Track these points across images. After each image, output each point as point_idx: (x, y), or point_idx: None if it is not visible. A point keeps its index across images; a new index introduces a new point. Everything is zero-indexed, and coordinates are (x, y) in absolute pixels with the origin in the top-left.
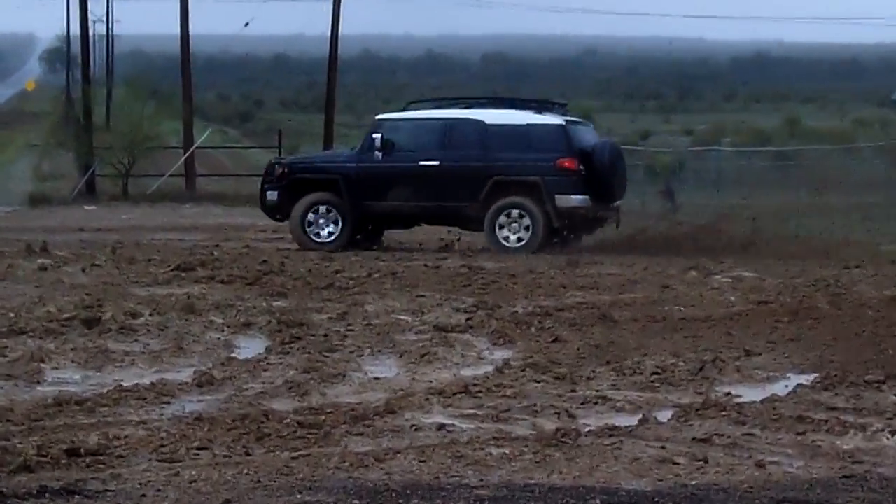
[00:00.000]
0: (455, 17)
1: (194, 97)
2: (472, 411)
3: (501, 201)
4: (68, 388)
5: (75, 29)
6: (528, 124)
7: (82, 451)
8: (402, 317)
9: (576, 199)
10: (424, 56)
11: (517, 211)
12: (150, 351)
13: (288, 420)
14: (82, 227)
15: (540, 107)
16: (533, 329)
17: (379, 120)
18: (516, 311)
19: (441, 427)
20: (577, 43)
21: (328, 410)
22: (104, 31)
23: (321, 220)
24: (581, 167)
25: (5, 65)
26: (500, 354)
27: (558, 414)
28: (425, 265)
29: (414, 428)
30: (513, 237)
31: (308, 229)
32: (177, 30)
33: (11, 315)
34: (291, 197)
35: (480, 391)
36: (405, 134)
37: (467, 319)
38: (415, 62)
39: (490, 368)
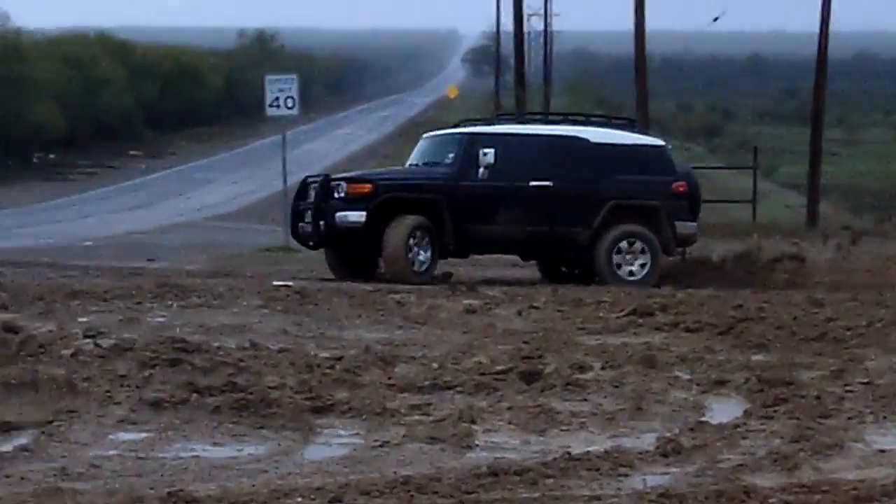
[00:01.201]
0: None
1: (649, 106)
2: None
3: (620, 228)
4: (505, 455)
5: (506, 25)
6: (634, 144)
7: None
8: None
9: (691, 227)
10: None
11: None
12: (602, 412)
13: (774, 499)
14: (515, 262)
15: (615, 123)
16: None
17: (472, 134)
18: None
19: None
20: None
21: (823, 488)
22: (540, 27)
23: (417, 248)
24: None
25: (425, 67)
26: None
27: None
28: None
29: None
30: (628, 268)
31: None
32: (628, 25)
33: (435, 366)
34: (379, 220)
35: None
36: (504, 150)
37: None
38: None
39: None
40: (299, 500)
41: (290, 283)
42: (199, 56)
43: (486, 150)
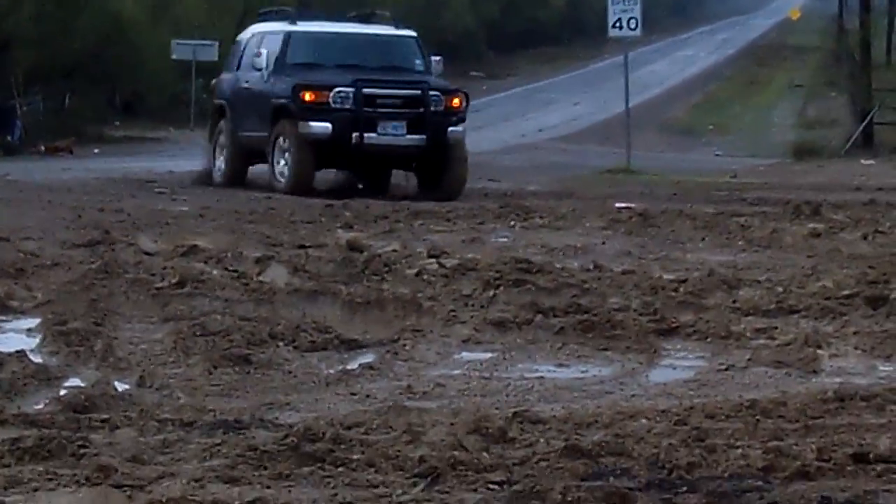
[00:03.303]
0: None
1: None
2: None
3: None
4: (852, 381)
5: None
6: None
7: (871, 456)
8: None
9: None
10: None
11: None
12: None
13: None
14: (859, 186)
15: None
16: None
17: None
18: None
19: None
20: None
21: None
22: None
23: None
24: None
25: None
26: None
27: None
28: None
29: None
30: None
31: None
32: None
33: (780, 290)
34: None
35: None
36: None
37: None
38: None
39: None
40: (644, 421)
41: (632, 205)
42: None
43: None
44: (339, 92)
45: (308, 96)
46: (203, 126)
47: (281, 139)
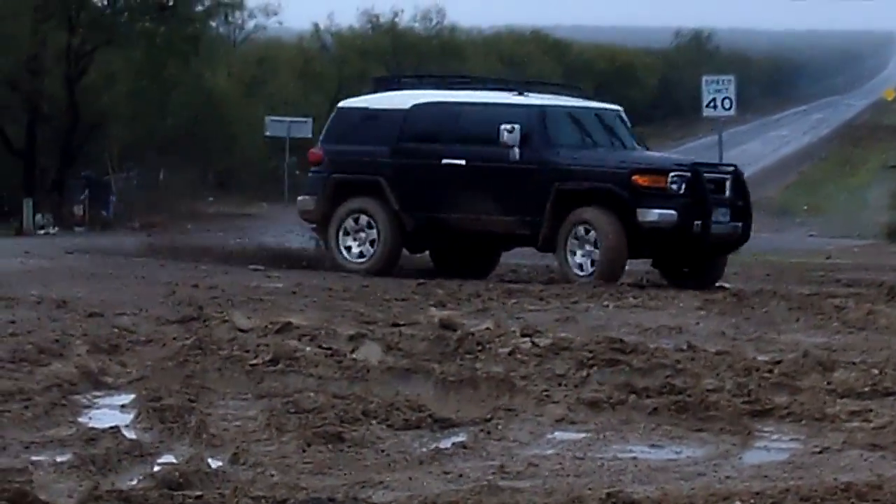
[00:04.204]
0: None
1: None
2: None
3: None
4: None
5: None
6: None
7: None
8: None
9: None
10: None
11: None
12: None
13: None
14: None
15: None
16: None
17: None
18: None
19: None
20: None
21: None
22: None
23: None
24: None
25: (860, 69)
26: None
27: None
28: None
29: None
30: None
31: None
32: None
33: (875, 372)
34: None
35: None
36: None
37: None
38: None
39: None
40: (738, 503)
41: (726, 285)
42: (635, 55)
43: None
44: (677, 176)
45: (642, 181)
46: (294, 202)
47: (580, 227)
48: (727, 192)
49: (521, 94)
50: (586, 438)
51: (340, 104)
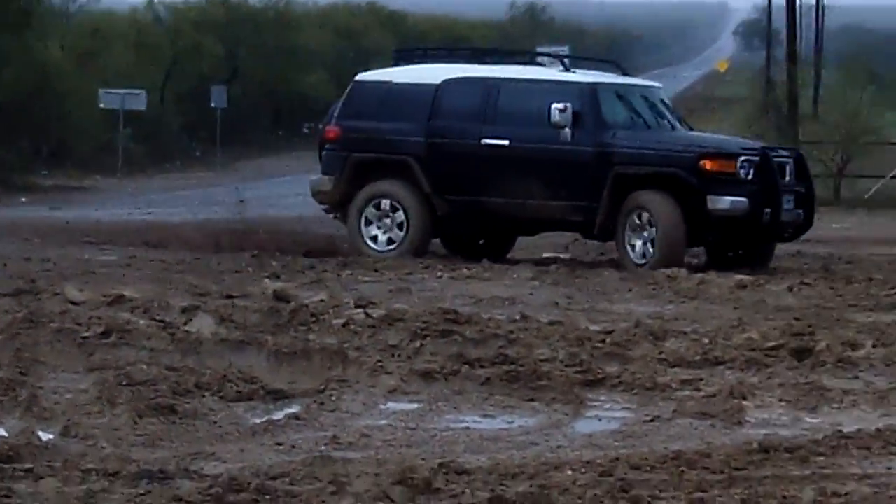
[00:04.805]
0: None
1: None
2: None
3: None
4: (776, 432)
5: None
6: None
7: None
8: None
9: None
10: None
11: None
12: (873, 390)
13: None
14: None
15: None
16: None
17: None
18: None
19: None
20: None
21: None
22: (812, 1)
23: None
24: None
25: (693, 41)
26: None
27: None
28: None
29: None
30: None
31: None
32: None
33: (706, 341)
34: None
35: None
36: None
37: None
38: None
39: None
40: (569, 472)
41: (560, 256)
42: (470, 27)
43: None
44: (746, 160)
45: (711, 166)
46: (129, 175)
47: (639, 213)
48: (788, 177)
49: (567, 69)
50: (419, 409)
51: (358, 77)
